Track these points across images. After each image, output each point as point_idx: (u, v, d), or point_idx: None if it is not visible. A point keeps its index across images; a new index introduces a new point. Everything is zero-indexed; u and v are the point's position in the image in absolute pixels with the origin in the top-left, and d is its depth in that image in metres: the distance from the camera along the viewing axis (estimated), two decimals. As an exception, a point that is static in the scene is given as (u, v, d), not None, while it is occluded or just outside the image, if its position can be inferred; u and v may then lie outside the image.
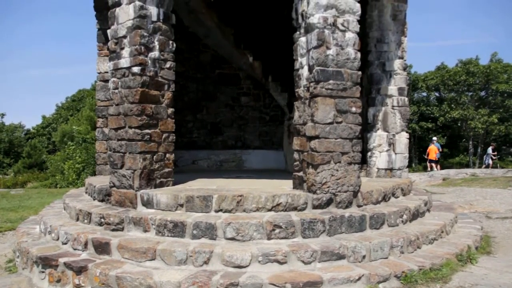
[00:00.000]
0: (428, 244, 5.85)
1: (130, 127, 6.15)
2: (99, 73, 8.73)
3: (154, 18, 6.30)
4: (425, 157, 25.72)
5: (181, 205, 5.71)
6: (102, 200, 6.71)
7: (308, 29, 5.83)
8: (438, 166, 24.27)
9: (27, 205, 11.90)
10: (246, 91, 11.15)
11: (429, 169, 23.77)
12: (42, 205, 10.45)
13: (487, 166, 26.50)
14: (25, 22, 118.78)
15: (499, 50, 69.56)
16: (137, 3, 6.13)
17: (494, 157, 27.83)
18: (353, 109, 5.85)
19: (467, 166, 32.91)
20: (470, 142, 36.11)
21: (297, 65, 6.16)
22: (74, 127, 28.09)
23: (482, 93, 36.92)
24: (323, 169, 5.69)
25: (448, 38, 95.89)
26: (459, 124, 36.25)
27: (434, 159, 24.25)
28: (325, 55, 5.68)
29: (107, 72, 7.72)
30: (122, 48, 6.31)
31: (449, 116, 34.90)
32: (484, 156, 28.03)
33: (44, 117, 53.26)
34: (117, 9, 6.37)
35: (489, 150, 27.79)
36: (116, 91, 6.38)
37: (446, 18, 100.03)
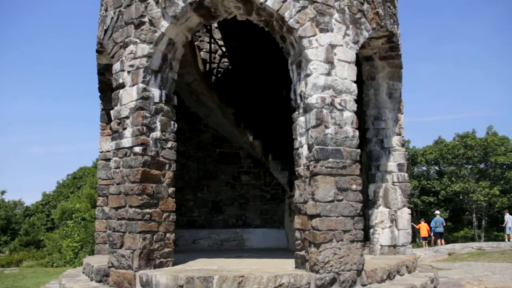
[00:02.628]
0: (437, 326, 5.65)
1: (131, 206, 6.14)
2: (101, 152, 8.83)
3: (157, 100, 6.50)
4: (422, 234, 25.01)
5: (181, 286, 5.56)
6: (99, 281, 6.55)
7: (307, 109, 5.99)
8: (443, 241, 23.79)
9: (21, 286, 11.55)
10: (246, 170, 11.22)
11: (432, 243, 23.22)
12: (37, 286, 10.16)
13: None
14: (30, 101, 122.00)
15: (493, 123, 70.90)
16: (140, 85, 6.35)
17: None
18: (354, 186, 5.88)
19: (472, 239, 32.32)
20: (474, 215, 35.72)
21: (296, 144, 6.25)
22: (73, 205, 27.94)
23: (482, 166, 37.10)
24: (325, 248, 5.61)
25: (443, 113, 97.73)
26: (461, 197, 36.08)
27: (426, 236, 23.76)
28: (323, 134, 5.79)
29: (109, 151, 7.84)
30: (125, 128, 6.44)
31: (450, 189, 34.80)
32: (510, 227, 24.89)
33: (44, 193, 53.08)
34: (121, 91, 6.58)
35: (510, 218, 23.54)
36: (118, 170, 6.43)
37: (440, 93, 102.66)
